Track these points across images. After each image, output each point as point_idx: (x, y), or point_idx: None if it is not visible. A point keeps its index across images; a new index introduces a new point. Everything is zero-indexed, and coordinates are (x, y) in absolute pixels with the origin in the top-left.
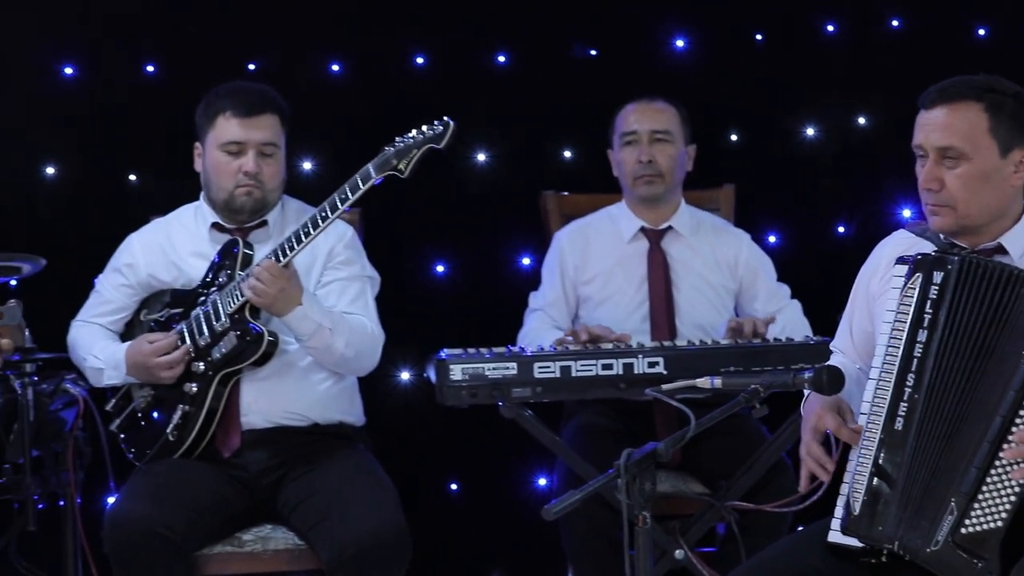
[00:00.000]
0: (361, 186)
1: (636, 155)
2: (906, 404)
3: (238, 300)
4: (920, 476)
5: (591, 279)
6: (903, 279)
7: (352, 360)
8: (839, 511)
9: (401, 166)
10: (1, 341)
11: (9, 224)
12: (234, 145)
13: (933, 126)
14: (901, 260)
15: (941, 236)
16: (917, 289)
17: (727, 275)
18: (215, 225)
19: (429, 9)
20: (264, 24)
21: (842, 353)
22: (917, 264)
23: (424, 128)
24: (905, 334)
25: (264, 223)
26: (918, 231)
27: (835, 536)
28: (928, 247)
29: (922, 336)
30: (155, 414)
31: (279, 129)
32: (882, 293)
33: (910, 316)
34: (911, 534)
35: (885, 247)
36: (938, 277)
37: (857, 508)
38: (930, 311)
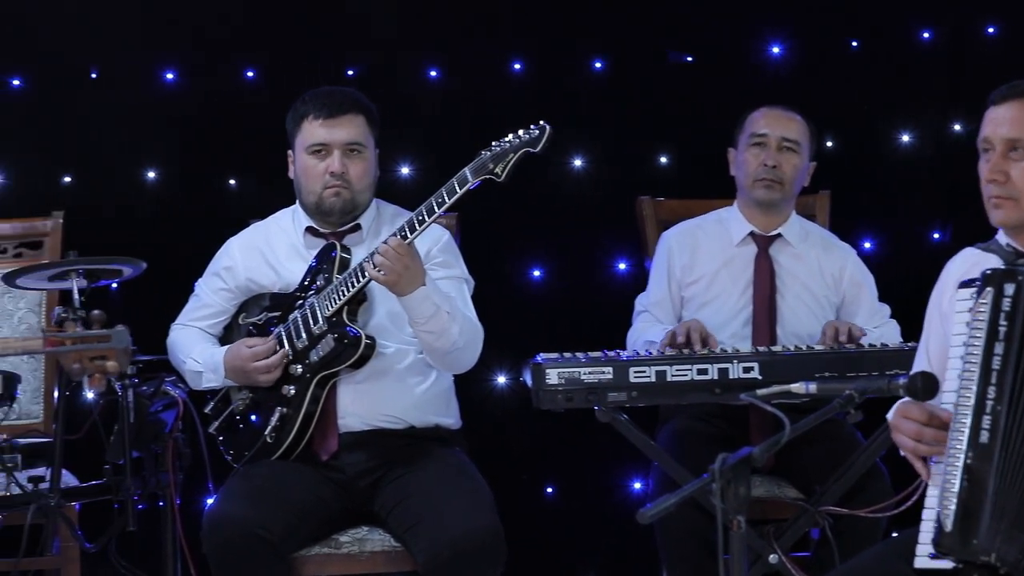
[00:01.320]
0: (458, 190)
1: (762, 158)
2: (990, 417)
3: (336, 303)
4: (1011, 487)
5: (697, 280)
6: (970, 300)
7: (461, 351)
8: (926, 535)
9: (498, 170)
10: (108, 364)
11: (110, 227)
12: (319, 147)
13: (1001, 120)
14: (964, 284)
15: (1005, 244)
16: (989, 303)
17: (831, 287)
18: (309, 229)
19: (526, 15)
20: (363, 30)
21: None
22: (987, 279)
23: (521, 132)
24: (982, 348)
25: (357, 227)
26: (983, 247)
27: (923, 562)
28: (995, 261)
29: (999, 348)
30: (253, 416)
31: (365, 129)
32: (952, 313)
33: (985, 330)
34: (1007, 546)
35: (952, 266)
36: (1010, 289)
37: (949, 524)
38: (1004, 323)
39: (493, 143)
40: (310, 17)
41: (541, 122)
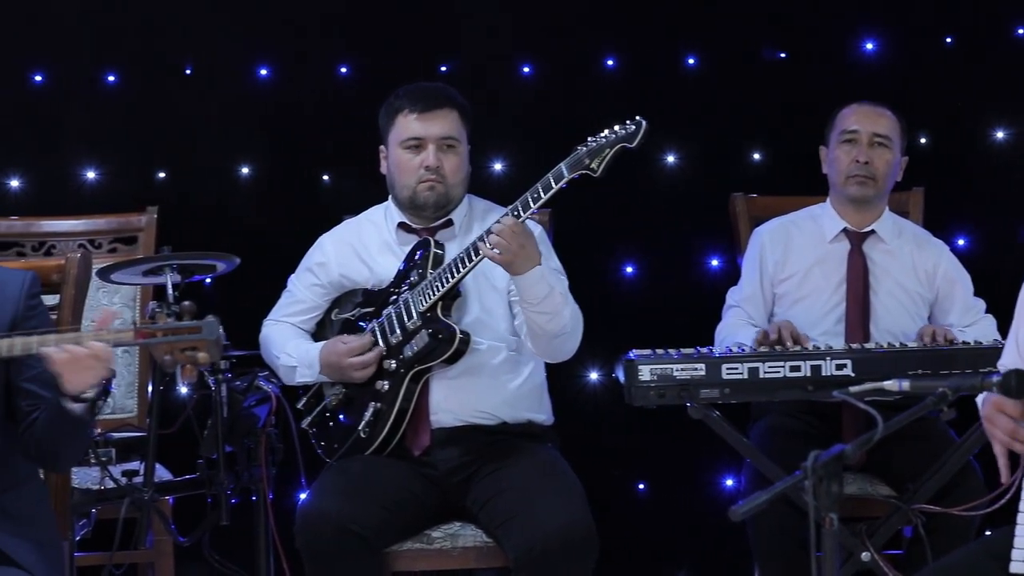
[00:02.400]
0: (553, 185)
1: (853, 155)
2: None
3: (430, 299)
4: None
5: (789, 277)
6: None
7: (568, 336)
8: (1021, 539)
9: (594, 165)
10: (199, 355)
11: (204, 223)
12: (414, 141)
13: None
14: None
15: None
16: None
17: (924, 284)
18: (402, 225)
19: (621, 11)
20: (457, 26)
21: None
22: None
23: (617, 128)
24: None
25: (450, 222)
26: None
27: (1020, 567)
28: None
29: None
30: (346, 412)
31: (459, 124)
32: None
33: None
34: None
35: None
36: None
37: None
38: None
39: (589, 138)
40: (404, 13)
41: (637, 117)
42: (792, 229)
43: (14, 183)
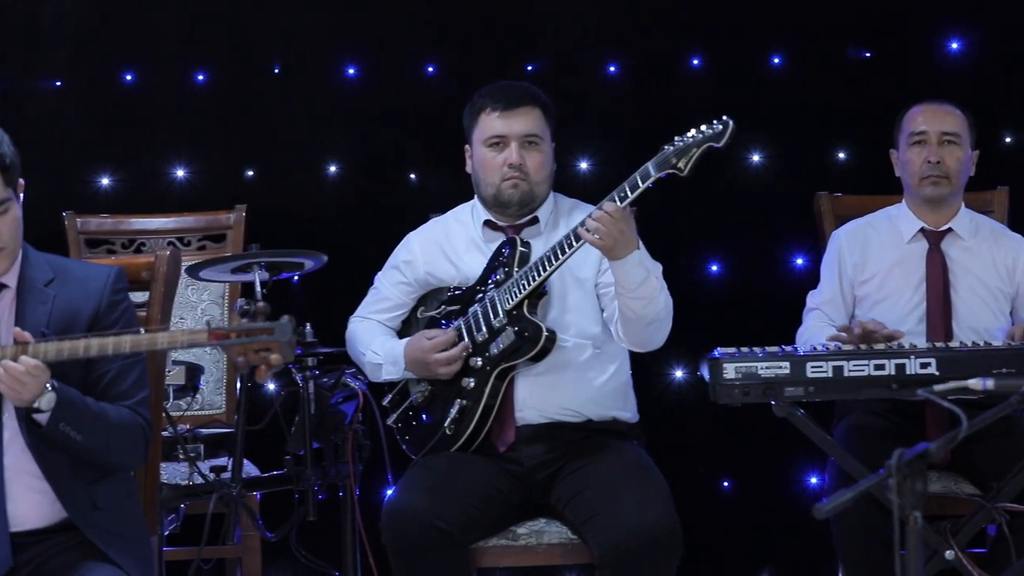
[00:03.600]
0: (640, 184)
1: (924, 155)
2: None
3: (516, 296)
4: None
5: (869, 278)
6: None
7: (661, 323)
8: None
9: (680, 164)
10: (271, 356)
11: (292, 221)
12: (497, 139)
13: None
14: None
15: None
16: None
17: (1005, 279)
18: (488, 223)
19: (707, 10)
20: (543, 25)
21: None
22: None
23: (704, 127)
24: None
25: (535, 220)
26: None
27: None
28: None
29: None
30: (432, 409)
31: (542, 122)
32: None
33: None
34: None
35: None
36: None
37: None
38: None
39: (676, 138)
40: (490, 13)
41: (724, 117)
42: (869, 231)
43: (105, 181)
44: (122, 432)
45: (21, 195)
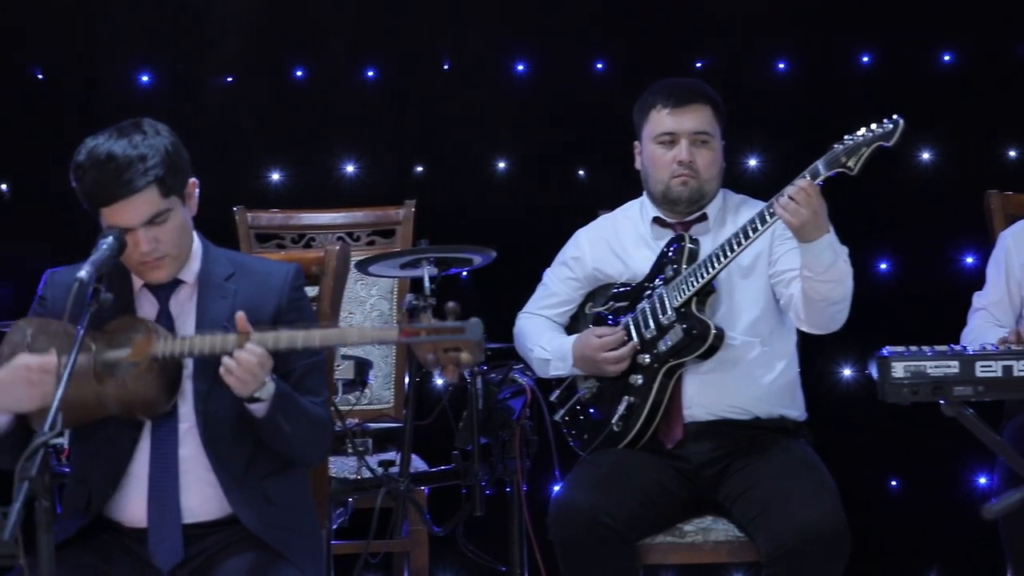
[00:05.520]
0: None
1: None
2: None
3: (685, 294)
4: None
5: None
6: None
7: (845, 304)
8: None
9: (850, 163)
10: (461, 355)
11: (462, 216)
12: (667, 136)
13: None
14: None
15: None
16: None
17: None
18: (656, 220)
19: (875, 8)
20: (713, 23)
21: None
22: None
23: (874, 126)
24: None
25: (704, 216)
26: None
27: None
28: None
29: None
30: (600, 405)
31: (712, 119)
32: None
33: None
34: None
35: None
36: None
37: None
38: None
39: (846, 136)
40: (660, 9)
41: (895, 116)
42: None
43: (275, 176)
44: (317, 427)
45: (195, 193)
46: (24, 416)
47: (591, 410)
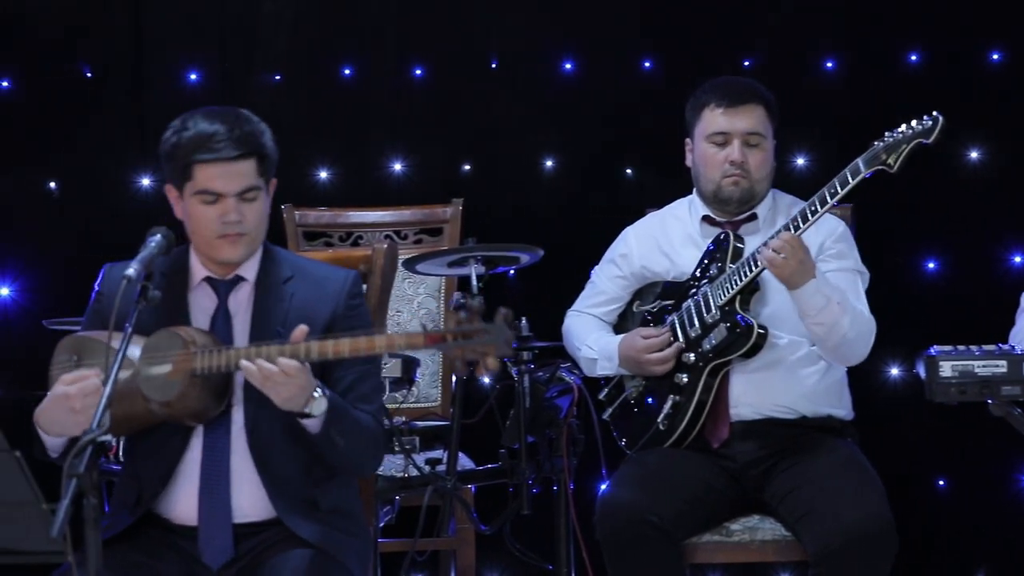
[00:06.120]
0: (850, 180)
1: None
2: None
3: (729, 292)
4: None
5: None
6: None
7: (852, 343)
8: None
9: (890, 161)
10: (488, 360)
11: (509, 215)
12: (719, 136)
13: None
14: None
15: None
16: None
17: None
18: (705, 218)
19: (925, 6)
20: (759, 21)
21: None
22: None
23: (913, 123)
24: None
25: (753, 216)
26: None
27: None
28: None
29: None
30: (646, 404)
31: (765, 119)
32: None
33: None
34: None
35: None
36: None
37: None
38: None
39: (886, 133)
40: (707, 8)
41: (934, 112)
42: None
43: (323, 175)
44: (371, 439)
45: (271, 192)
46: None
47: (638, 409)
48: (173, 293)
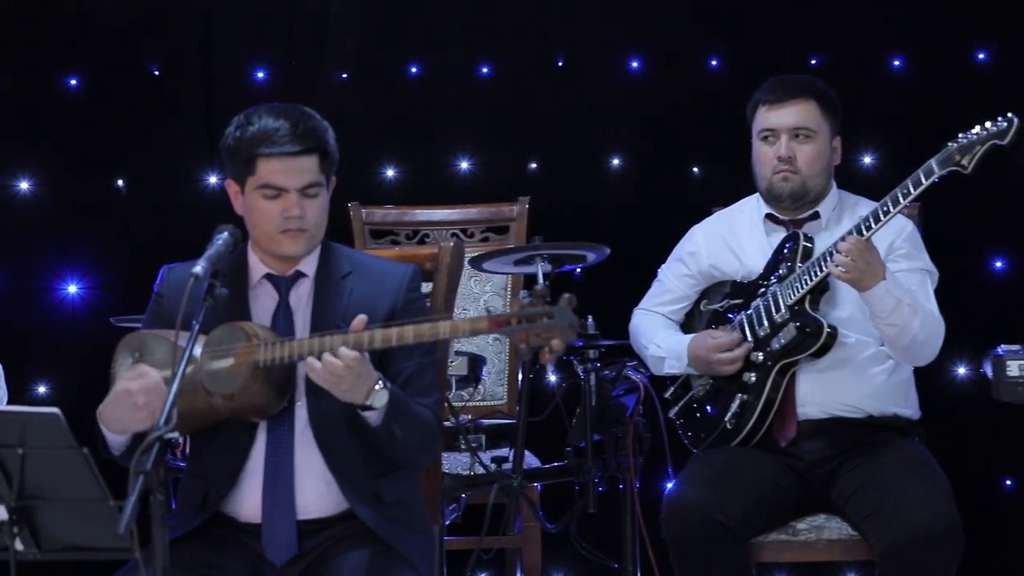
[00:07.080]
0: (923, 181)
1: None
2: None
3: (799, 292)
4: None
5: None
6: None
7: (922, 344)
8: None
9: (964, 162)
10: (553, 342)
11: (575, 213)
12: (768, 132)
13: None
14: None
15: None
16: None
17: None
18: (769, 216)
19: (993, 6)
20: (829, 20)
21: None
22: None
23: (988, 124)
24: None
25: (816, 215)
26: None
27: None
28: None
29: None
30: (713, 403)
31: (817, 114)
32: None
33: None
34: None
35: None
36: None
37: None
38: None
39: (960, 135)
40: (774, 6)
41: (1009, 114)
42: None
43: (390, 173)
44: (427, 433)
45: (331, 190)
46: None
47: (705, 408)
48: (234, 291)
